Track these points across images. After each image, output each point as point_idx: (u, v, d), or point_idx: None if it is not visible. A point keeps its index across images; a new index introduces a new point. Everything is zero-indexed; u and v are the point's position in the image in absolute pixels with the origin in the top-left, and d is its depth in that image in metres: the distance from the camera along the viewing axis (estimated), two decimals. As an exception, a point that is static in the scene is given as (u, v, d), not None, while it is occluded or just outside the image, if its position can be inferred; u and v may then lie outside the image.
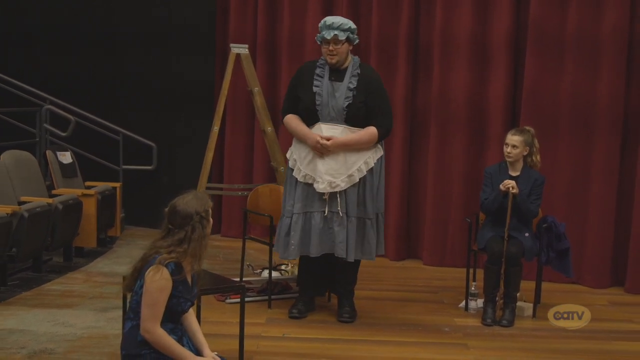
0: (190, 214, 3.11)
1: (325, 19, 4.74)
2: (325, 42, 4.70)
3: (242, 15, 7.26)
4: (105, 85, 7.72)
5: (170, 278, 3.03)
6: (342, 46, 4.69)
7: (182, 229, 3.10)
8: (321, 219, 4.69)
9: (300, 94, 4.79)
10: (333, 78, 4.74)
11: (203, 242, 3.14)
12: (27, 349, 4.13)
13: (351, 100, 4.68)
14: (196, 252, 3.12)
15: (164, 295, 3.02)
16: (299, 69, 4.99)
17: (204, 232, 3.14)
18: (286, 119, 4.92)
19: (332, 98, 4.69)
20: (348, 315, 4.87)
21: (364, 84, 4.72)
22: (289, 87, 4.98)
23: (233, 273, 5.58)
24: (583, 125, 6.06)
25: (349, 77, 4.72)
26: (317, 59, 4.88)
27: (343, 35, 4.66)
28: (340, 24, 4.68)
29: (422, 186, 6.76)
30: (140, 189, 7.63)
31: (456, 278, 5.94)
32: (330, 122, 4.69)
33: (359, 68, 4.77)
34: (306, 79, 4.79)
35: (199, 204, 3.15)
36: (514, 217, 4.92)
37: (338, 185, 4.66)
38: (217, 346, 3.69)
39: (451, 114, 6.48)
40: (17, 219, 5.25)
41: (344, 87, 4.70)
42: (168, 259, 3.05)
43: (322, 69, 4.78)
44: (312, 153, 4.73)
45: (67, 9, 7.72)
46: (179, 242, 3.09)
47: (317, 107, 4.70)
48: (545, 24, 6.09)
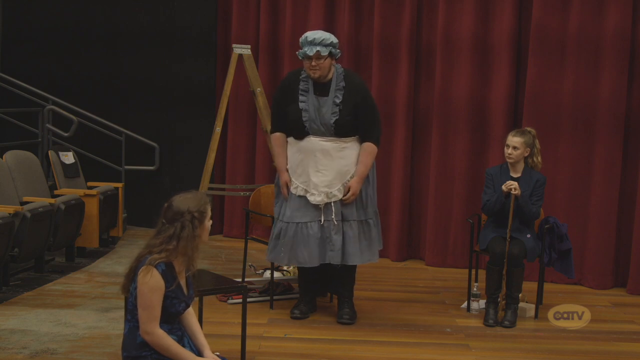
0: (182, 211, 3.07)
1: (306, 35, 4.71)
2: (307, 58, 4.67)
3: (244, 17, 7.27)
4: (108, 86, 7.73)
5: (161, 278, 2.99)
6: (325, 61, 4.66)
7: (172, 224, 3.06)
8: (319, 229, 4.69)
9: (287, 109, 4.78)
10: (318, 93, 4.72)
11: (192, 242, 3.07)
12: (29, 349, 4.14)
13: (338, 115, 4.67)
14: (186, 251, 3.06)
15: (157, 295, 2.99)
16: (282, 83, 4.96)
17: (194, 232, 3.07)
18: (272, 139, 4.97)
19: (318, 113, 4.69)
20: (348, 317, 4.87)
21: (349, 96, 4.69)
22: (273, 102, 4.97)
23: (235, 273, 5.59)
24: (585, 126, 6.06)
25: (333, 92, 4.70)
26: (300, 69, 4.84)
27: (325, 50, 4.63)
28: (322, 40, 4.64)
29: (424, 187, 6.76)
30: (143, 189, 7.64)
31: (458, 279, 5.95)
32: (320, 135, 4.71)
33: (343, 80, 4.73)
34: (291, 95, 4.77)
35: (194, 204, 3.10)
36: (515, 218, 4.92)
37: (335, 195, 4.69)
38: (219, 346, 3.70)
39: (453, 115, 6.48)
40: (19, 219, 5.26)
41: (330, 103, 4.69)
42: (158, 259, 3.01)
43: (305, 83, 4.75)
44: (304, 164, 4.74)
45: (70, 10, 7.73)
46: (169, 239, 3.05)
47: (305, 123, 4.70)
48: (548, 25, 6.09)
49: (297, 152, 4.79)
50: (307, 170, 4.73)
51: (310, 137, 4.72)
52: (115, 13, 7.70)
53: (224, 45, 7.43)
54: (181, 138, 7.64)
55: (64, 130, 7.12)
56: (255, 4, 7.25)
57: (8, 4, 7.83)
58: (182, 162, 7.64)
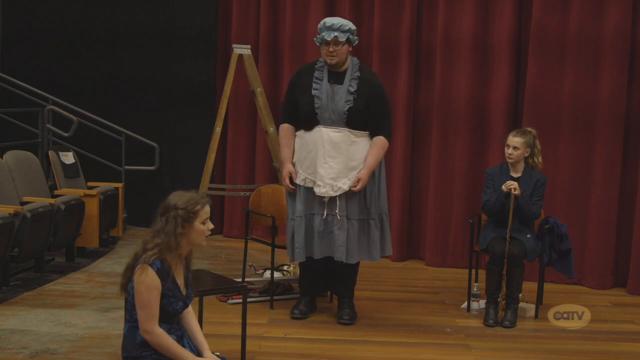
0: (169, 206, 3.06)
1: (324, 20, 4.71)
2: (324, 44, 4.67)
3: (244, 17, 7.27)
4: (108, 86, 7.73)
5: (157, 276, 2.99)
6: (342, 47, 4.66)
7: (161, 219, 3.05)
8: (321, 222, 4.68)
9: (299, 97, 4.77)
10: (332, 81, 4.71)
11: (175, 239, 3.02)
12: (29, 349, 4.14)
13: (352, 104, 4.66)
14: (169, 246, 3.02)
15: (154, 294, 2.98)
16: (297, 72, 4.97)
17: (176, 229, 3.02)
18: (280, 130, 4.95)
19: (331, 101, 4.67)
20: (348, 317, 4.87)
21: (364, 87, 4.69)
22: (287, 90, 4.96)
23: (235, 273, 5.59)
24: (585, 126, 6.06)
25: (348, 80, 4.70)
26: (315, 61, 4.86)
27: (343, 36, 4.64)
28: (340, 25, 4.65)
29: (424, 187, 6.76)
30: (143, 189, 7.64)
31: (458, 279, 5.95)
32: (331, 125, 4.68)
33: (358, 71, 4.74)
34: (305, 82, 4.77)
35: (183, 201, 3.07)
36: (515, 218, 4.92)
37: (340, 188, 4.66)
38: (219, 346, 3.70)
39: (453, 115, 6.48)
40: (19, 219, 5.26)
41: (344, 91, 4.68)
42: (152, 256, 3.00)
43: (320, 72, 4.75)
44: (312, 155, 4.72)
45: (70, 10, 7.73)
46: (156, 233, 3.04)
47: (317, 111, 4.68)
48: (548, 25, 6.09)
49: (306, 143, 4.76)
50: (315, 162, 4.70)
51: (320, 127, 4.69)
52: (115, 13, 7.70)
53: (224, 45, 7.43)
54: (181, 138, 7.64)
55: (64, 130, 7.12)
56: (255, 4, 7.25)
57: (8, 4, 7.83)
58: (182, 162, 7.64)
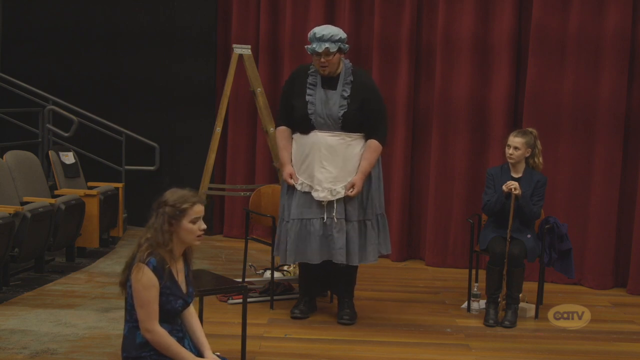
0: (160, 202, 3.05)
1: (314, 31, 4.68)
2: (316, 54, 4.66)
3: (244, 17, 7.27)
4: (108, 86, 7.73)
5: (153, 275, 2.98)
6: (334, 57, 4.65)
7: (153, 214, 3.05)
8: (320, 226, 4.67)
9: (294, 102, 4.77)
10: (326, 86, 4.71)
11: (162, 235, 3.00)
12: (29, 349, 4.14)
13: (346, 108, 4.66)
14: (157, 242, 3.00)
15: (152, 292, 2.97)
16: (291, 76, 4.96)
17: (162, 226, 3.00)
18: (277, 132, 4.96)
19: (325, 107, 4.67)
20: (348, 318, 4.86)
21: (357, 90, 4.69)
22: (282, 94, 4.96)
23: (235, 273, 5.59)
24: (585, 126, 6.06)
25: (341, 85, 4.70)
26: (308, 65, 4.85)
27: (334, 47, 4.61)
28: (330, 36, 4.62)
29: (424, 187, 6.76)
30: (143, 189, 7.63)
31: (458, 279, 5.95)
32: (326, 130, 4.68)
33: (351, 75, 4.73)
34: (299, 88, 4.77)
35: (174, 198, 3.04)
36: (516, 219, 4.92)
37: (338, 192, 4.67)
38: (219, 347, 3.70)
39: (453, 115, 6.48)
40: (19, 219, 5.26)
41: (338, 96, 4.68)
42: (146, 253, 2.99)
43: (314, 77, 4.75)
44: (309, 159, 4.72)
45: (70, 10, 7.73)
46: (148, 228, 3.04)
47: (311, 116, 4.69)
48: (548, 25, 6.09)
49: (302, 147, 4.76)
50: (312, 166, 4.70)
51: (316, 132, 4.69)
52: (115, 13, 7.70)
53: (224, 45, 7.42)
54: (181, 138, 7.64)
55: (64, 130, 7.12)
56: (255, 4, 7.25)
57: (8, 4, 7.82)
58: (182, 162, 7.64)
